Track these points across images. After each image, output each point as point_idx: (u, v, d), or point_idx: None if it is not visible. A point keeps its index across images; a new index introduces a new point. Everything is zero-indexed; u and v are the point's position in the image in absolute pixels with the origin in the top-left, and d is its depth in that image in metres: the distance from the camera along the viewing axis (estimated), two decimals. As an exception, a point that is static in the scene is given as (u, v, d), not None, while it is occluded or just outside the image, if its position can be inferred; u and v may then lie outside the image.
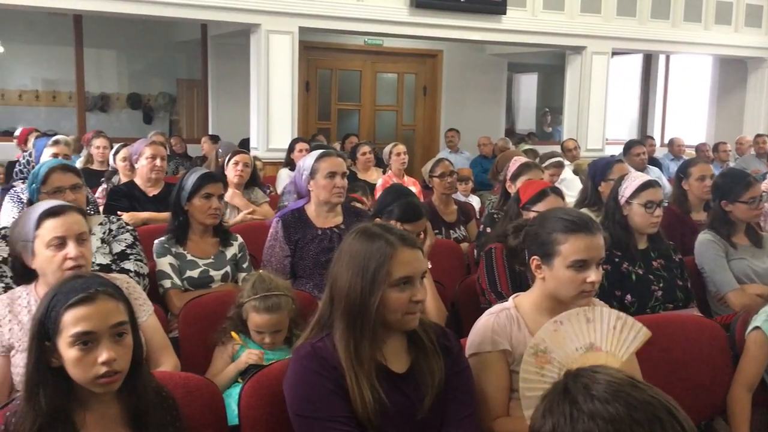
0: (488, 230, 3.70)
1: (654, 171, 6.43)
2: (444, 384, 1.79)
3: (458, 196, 5.21)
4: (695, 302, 3.04)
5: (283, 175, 5.76)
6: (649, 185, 3.02)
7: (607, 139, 8.98)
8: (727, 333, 2.57)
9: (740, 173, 3.60)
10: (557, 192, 3.12)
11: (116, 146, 5.09)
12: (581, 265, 1.93)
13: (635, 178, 3.09)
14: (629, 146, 6.11)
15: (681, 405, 1.14)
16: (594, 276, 1.93)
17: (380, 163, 6.49)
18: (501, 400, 1.94)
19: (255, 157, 5.28)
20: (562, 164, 5.49)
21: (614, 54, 8.84)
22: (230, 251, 3.14)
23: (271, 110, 7.00)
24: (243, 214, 4.34)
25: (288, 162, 5.95)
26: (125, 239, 2.90)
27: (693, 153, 8.44)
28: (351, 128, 9.66)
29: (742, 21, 9.24)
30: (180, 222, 3.09)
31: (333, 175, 3.14)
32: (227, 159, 4.56)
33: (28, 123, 8.33)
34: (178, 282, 2.97)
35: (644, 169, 5.62)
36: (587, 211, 3.46)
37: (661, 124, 12.14)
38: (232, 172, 4.46)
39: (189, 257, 3.04)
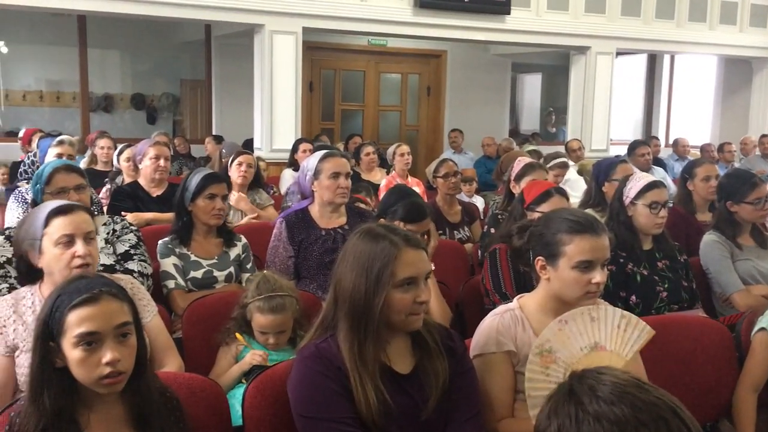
0: (492, 231, 3.69)
1: (658, 171, 6.42)
2: (448, 385, 1.79)
3: (462, 197, 5.21)
4: (700, 303, 3.03)
5: (287, 176, 5.76)
6: (654, 186, 3.01)
7: (612, 140, 8.97)
8: (733, 333, 2.56)
9: (745, 174, 3.59)
10: (562, 192, 3.11)
11: (120, 147, 5.10)
12: (586, 266, 1.93)
13: (640, 179, 3.08)
14: (634, 146, 6.09)
15: (686, 406, 1.14)
16: (599, 277, 1.93)
17: (384, 164, 6.49)
18: (506, 401, 1.94)
19: (258, 158, 5.28)
20: (567, 165, 5.48)
21: (618, 54, 8.83)
22: (234, 252, 3.13)
23: (275, 111, 7.00)
24: (248, 218, 4.33)
25: (291, 162, 5.95)
26: (129, 240, 2.90)
27: (698, 153, 8.43)
28: (354, 128, 9.65)
29: (747, 21, 9.22)
30: (184, 222, 3.09)
31: (337, 176, 3.14)
32: (231, 160, 4.56)
33: (32, 123, 8.36)
34: (182, 282, 2.97)
35: (649, 170, 5.60)
36: (591, 212, 3.45)
37: (666, 125, 12.11)
38: (236, 173, 4.46)
39: (193, 258, 3.04)
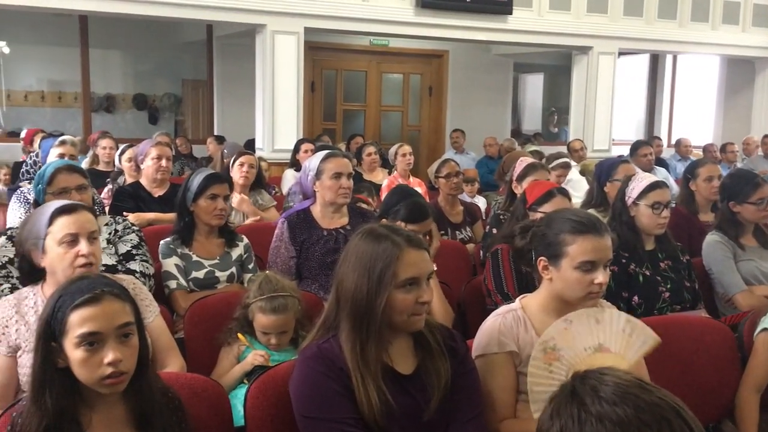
0: (494, 231, 3.68)
1: (661, 172, 6.41)
2: (450, 385, 1.79)
3: (464, 197, 5.21)
4: (703, 304, 3.02)
5: (289, 176, 5.76)
6: (657, 186, 3.00)
7: (614, 140, 8.95)
8: (735, 334, 2.56)
9: (748, 174, 3.58)
10: (564, 193, 3.10)
11: (122, 147, 5.10)
12: (589, 267, 1.92)
13: (642, 179, 3.07)
14: (636, 147, 6.08)
15: (689, 407, 1.14)
16: (601, 277, 1.93)
17: (386, 164, 6.48)
18: (508, 402, 1.94)
19: (260, 158, 5.27)
20: (569, 165, 5.47)
21: (621, 54, 8.82)
22: (236, 252, 3.13)
23: (277, 111, 7.00)
24: (250, 221, 4.32)
25: (293, 163, 5.95)
26: (131, 240, 2.90)
27: (700, 153, 8.42)
28: (356, 129, 9.66)
29: (750, 21, 9.20)
30: (185, 223, 3.09)
31: (339, 176, 3.14)
32: (233, 160, 4.54)
33: (34, 124, 8.36)
34: (184, 283, 2.97)
35: (651, 170, 5.60)
36: (593, 212, 3.44)
37: (668, 125, 12.09)
38: (238, 174, 4.45)
39: (194, 258, 3.04)
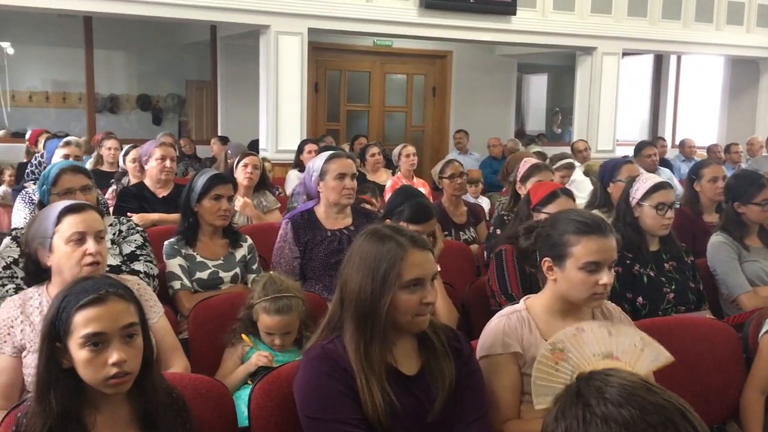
0: (498, 232, 3.68)
1: (665, 172, 6.41)
2: (455, 386, 1.78)
3: (468, 198, 5.20)
4: (707, 305, 3.02)
5: (292, 177, 5.76)
6: (661, 187, 3.00)
7: (618, 140, 8.94)
8: (740, 334, 2.55)
9: (753, 175, 3.58)
10: (568, 193, 3.10)
11: (126, 147, 5.10)
12: (593, 267, 1.92)
13: (646, 180, 3.06)
14: (640, 147, 6.08)
15: (693, 408, 1.13)
16: (606, 278, 1.92)
17: (389, 165, 6.49)
18: (512, 403, 1.93)
19: (264, 159, 5.27)
20: (573, 166, 5.47)
21: (625, 54, 8.80)
22: (240, 252, 3.14)
23: (280, 111, 7.01)
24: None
25: (297, 163, 5.95)
26: (135, 240, 2.91)
27: (704, 154, 8.40)
28: (360, 129, 9.66)
29: (754, 21, 9.18)
30: (190, 223, 3.09)
31: (342, 177, 3.13)
32: (236, 161, 4.53)
33: (38, 124, 8.38)
34: (188, 283, 2.97)
35: (655, 171, 5.59)
36: (597, 213, 3.44)
37: (672, 125, 12.07)
38: (242, 175, 4.43)
39: (198, 258, 3.04)
